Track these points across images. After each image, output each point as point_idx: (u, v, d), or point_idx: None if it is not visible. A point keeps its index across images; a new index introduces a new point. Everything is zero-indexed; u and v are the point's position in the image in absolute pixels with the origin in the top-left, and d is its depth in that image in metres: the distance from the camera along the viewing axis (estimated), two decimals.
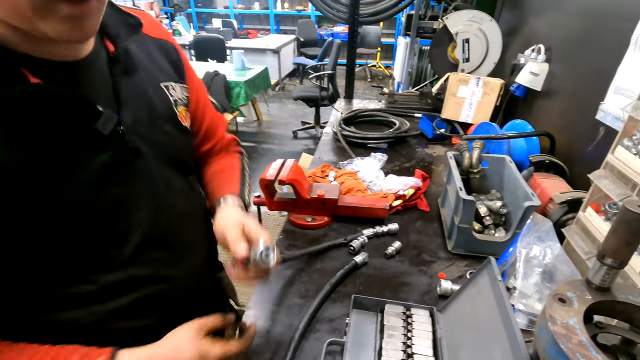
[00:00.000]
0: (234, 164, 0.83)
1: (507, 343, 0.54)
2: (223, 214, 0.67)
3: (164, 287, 0.62)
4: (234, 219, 0.64)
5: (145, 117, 0.58)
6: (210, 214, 0.73)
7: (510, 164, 1.05)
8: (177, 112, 0.65)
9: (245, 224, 0.63)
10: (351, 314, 0.78)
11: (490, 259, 0.67)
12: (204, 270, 0.74)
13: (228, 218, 0.65)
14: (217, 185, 0.76)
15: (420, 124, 1.79)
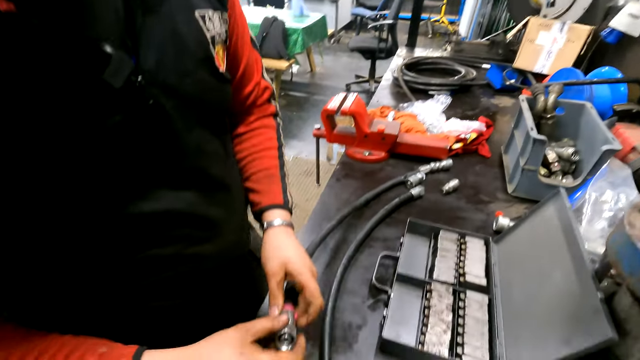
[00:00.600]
0: (272, 152, 0.69)
1: (569, 263, 0.55)
2: (267, 247, 0.59)
3: (192, 267, 0.54)
4: (278, 259, 0.56)
5: (172, 61, 0.44)
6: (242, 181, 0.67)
7: (590, 109, 0.98)
8: (213, 53, 0.50)
9: (289, 264, 0.55)
10: (405, 236, 0.81)
11: (560, 188, 0.65)
12: (236, 244, 0.66)
13: (272, 255, 0.57)
14: (259, 188, 0.65)
15: (488, 74, 1.69)
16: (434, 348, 0.59)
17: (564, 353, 0.46)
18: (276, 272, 0.55)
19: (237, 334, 0.44)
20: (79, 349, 0.40)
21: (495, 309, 0.64)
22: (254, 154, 0.67)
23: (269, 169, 0.66)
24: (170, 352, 0.42)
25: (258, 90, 0.67)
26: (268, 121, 0.71)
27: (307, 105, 3.97)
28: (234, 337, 0.44)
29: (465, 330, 0.62)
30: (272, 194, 0.65)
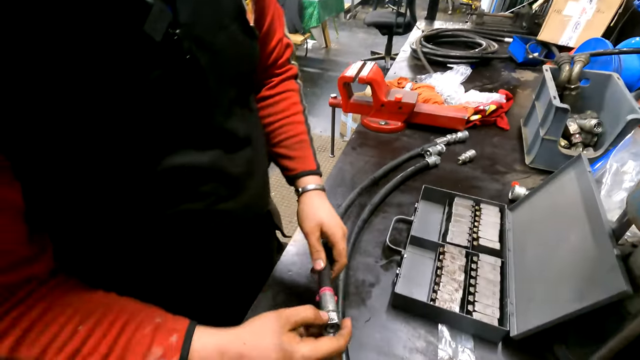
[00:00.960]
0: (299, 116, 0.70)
1: (586, 225, 0.55)
2: (304, 208, 0.62)
3: (218, 223, 0.55)
4: (314, 220, 0.59)
5: (208, 14, 0.43)
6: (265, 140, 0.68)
7: (617, 80, 0.95)
8: (245, 7, 0.49)
9: (323, 225, 0.59)
10: (420, 202, 0.82)
11: (581, 154, 0.65)
12: (259, 201, 0.67)
13: (309, 217, 0.60)
14: (292, 154, 0.67)
15: (511, 47, 1.63)
16: (445, 304, 0.60)
17: (576, 307, 0.47)
18: (313, 231, 0.59)
19: (278, 322, 0.42)
20: (137, 317, 0.40)
21: (507, 271, 0.65)
22: (282, 120, 0.67)
23: (299, 134, 0.68)
24: (215, 335, 0.42)
25: (281, 47, 0.66)
26: (291, 84, 0.71)
27: (321, 81, 3.92)
28: (274, 325, 0.42)
29: (476, 290, 0.63)
30: (305, 160, 0.67)
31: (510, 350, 0.58)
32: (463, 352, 0.57)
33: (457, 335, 0.59)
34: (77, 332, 0.37)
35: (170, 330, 0.40)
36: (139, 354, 0.38)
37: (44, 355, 0.36)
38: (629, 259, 0.49)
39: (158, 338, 0.39)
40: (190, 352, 0.39)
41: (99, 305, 0.40)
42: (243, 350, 0.40)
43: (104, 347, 0.37)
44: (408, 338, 0.60)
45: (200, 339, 0.41)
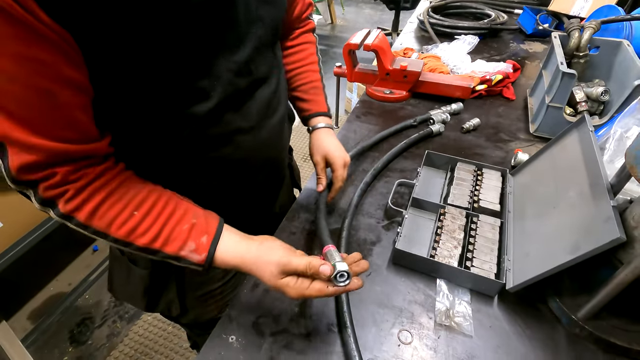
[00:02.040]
0: (315, 66, 0.78)
1: (585, 181, 0.56)
2: (313, 143, 0.74)
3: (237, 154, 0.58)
4: (322, 152, 0.71)
5: None
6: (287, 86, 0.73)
7: (627, 47, 0.93)
8: None
9: (328, 155, 0.71)
10: (422, 167, 0.83)
11: (585, 115, 0.65)
12: (275, 143, 0.69)
13: (317, 149, 0.72)
14: (307, 98, 0.76)
15: (520, 19, 1.59)
16: (444, 260, 0.62)
17: (571, 257, 0.48)
18: (319, 161, 0.71)
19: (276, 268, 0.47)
20: (179, 211, 0.49)
21: (506, 231, 0.67)
22: (300, 68, 0.76)
23: (314, 81, 0.77)
24: (237, 245, 0.50)
25: (304, 4, 0.74)
26: (309, 37, 0.79)
27: (325, 57, 3.86)
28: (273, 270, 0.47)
29: (475, 247, 0.64)
30: (318, 103, 0.77)
31: (506, 303, 0.60)
32: (460, 304, 0.59)
33: (455, 289, 0.61)
34: (133, 215, 0.46)
35: (203, 230, 0.49)
36: (178, 244, 0.47)
37: (109, 229, 0.45)
38: (624, 213, 0.50)
39: (193, 235, 0.48)
40: (215, 252, 0.49)
41: (152, 194, 0.48)
42: (251, 272, 0.49)
43: (153, 232, 0.46)
44: (407, 291, 0.62)
45: (223, 246, 0.50)
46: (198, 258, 0.48)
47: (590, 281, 0.54)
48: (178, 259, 0.48)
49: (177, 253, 0.48)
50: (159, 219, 0.47)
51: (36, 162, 0.39)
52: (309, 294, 0.47)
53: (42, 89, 0.37)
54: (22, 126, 0.37)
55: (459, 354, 0.54)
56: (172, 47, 0.43)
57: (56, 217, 0.43)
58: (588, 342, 0.54)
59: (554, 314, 0.58)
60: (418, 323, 0.58)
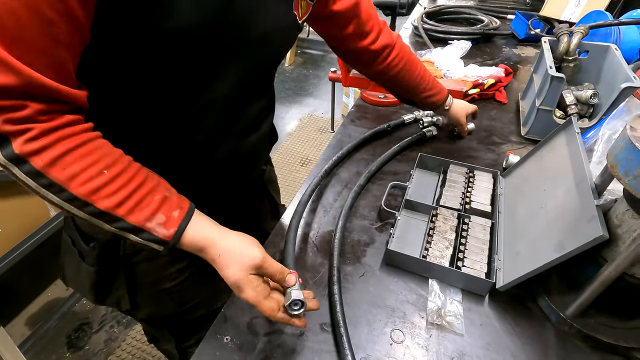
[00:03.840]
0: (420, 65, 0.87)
1: (572, 182, 0.57)
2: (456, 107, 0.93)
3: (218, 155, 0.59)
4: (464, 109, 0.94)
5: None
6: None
7: (615, 51, 0.95)
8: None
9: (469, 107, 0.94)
10: (415, 170, 0.84)
11: (572, 118, 0.66)
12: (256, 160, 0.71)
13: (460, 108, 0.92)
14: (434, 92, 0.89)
15: (513, 24, 1.62)
16: (436, 260, 0.63)
17: (557, 255, 0.50)
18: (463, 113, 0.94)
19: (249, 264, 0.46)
20: (152, 180, 0.46)
21: (496, 231, 0.68)
22: (424, 76, 0.86)
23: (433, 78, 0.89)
24: (207, 228, 0.48)
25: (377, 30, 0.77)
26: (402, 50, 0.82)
27: (323, 63, 3.89)
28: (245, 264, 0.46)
29: (466, 247, 0.66)
30: (443, 90, 0.91)
31: (496, 302, 0.61)
32: (451, 304, 0.60)
33: (447, 289, 0.63)
34: (102, 173, 0.41)
35: (175, 204, 0.46)
36: (146, 213, 0.44)
37: (69, 183, 0.40)
38: (609, 212, 0.51)
39: (164, 207, 0.45)
40: (186, 228, 0.46)
41: (125, 159, 0.45)
42: (216, 259, 0.47)
43: (120, 196, 0.42)
44: (400, 291, 0.63)
45: (195, 224, 0.47)
46: (165, 233, 0.44)
47: (577, 279, 0.55)
48: (140, 231, 0.44)
49: (142, 224, 0.43)
50: (131, 183, 0.43)
51: (10, 86, 0.35)
52: (261, 308, 0.46)
53: (45, 16, 0.34)
54: (8, 44, 0.34)
55: (450, 352, 0.55)
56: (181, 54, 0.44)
57: (2, 158, 0.37)
58: (576, 339, 0.55)
59: (544, 312, 0.59)
60: (410, 322, 0.59)
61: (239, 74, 0.52)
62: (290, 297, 0.46)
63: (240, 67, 0.52)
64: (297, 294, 0.46)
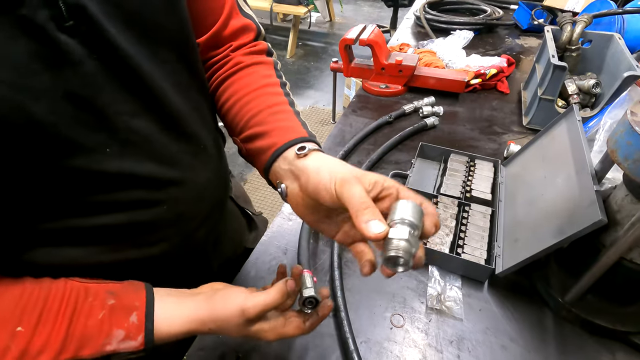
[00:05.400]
0: (274, 88, 0.51)
1: (572, 168, 0.57)
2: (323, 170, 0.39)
3: (163, 210, 0.45)
4: (341, 172, 0.37)
5: None
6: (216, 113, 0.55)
7: (618, 40, 0.94)
8: None
9: (363, 177, 0.37)
10: (416, 159, 0.84)
11: (573, 106, 0.66)
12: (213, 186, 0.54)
13: (330, 168, 0.39)
14: (263, 130, 0.46)
15: (516, 14, 1.61)
16: (436, 247, 0.64)
17: (556, 240, 0.50)
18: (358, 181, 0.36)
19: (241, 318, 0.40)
20: (85, 302, 0.37)
21: (497, 219, 0.68)
22: (248, 96, 0.49)
23: (274, 105, 0.48)
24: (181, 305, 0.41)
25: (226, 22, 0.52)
26: (260, 57, 0.55)
27: (324, 55, 3.87)
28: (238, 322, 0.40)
29: (466, 235, 0.66)
30: (289, 130, 0.45)
31: (496, 288, 0.62)
32: (451, 289, 0.61)
33: (447, 275, 0.63)
34: (16, 334, 0.33)
35: (127, 308, 0.38)
36: (98, 341, 0.36)
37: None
38: (608, 198, 0.52)
39: (115, 321, 0.37)
40: (155, 326, 0.39)
41: (37, 297, 0.36)
42: (210, 332, 0.42)
43: (54, 343, 0.35)
44: (400, 278, 0.64)
45: (162, 314, 0.40)
46: (134, 344, 0.38)
47: (576, 265, 0.56)
48: (109, 357, 0.37)
49: (102, 351, 0.37)
50: (58, 322, 0.35)
51: None
52: (287, 334, 0.42)
53: None
54: None
55: (449, 336, 0.56)
56: None
57: None
58: (574, 324, 0.56)
59: (542, 298, 0.59)
60: (410, 307, 0.60)
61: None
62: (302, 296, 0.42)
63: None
64: (309, 291, 0.43)
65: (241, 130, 0.49)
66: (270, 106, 0.48)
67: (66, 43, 0.33)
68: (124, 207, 0.42)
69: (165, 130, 0.43)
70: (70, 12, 0.32)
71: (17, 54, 0.30)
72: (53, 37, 0.32)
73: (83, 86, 0.35)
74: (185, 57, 0.45)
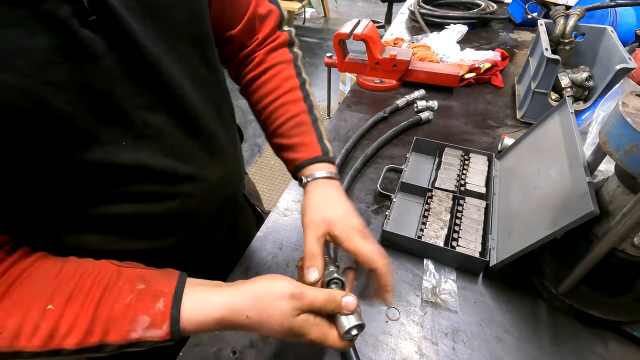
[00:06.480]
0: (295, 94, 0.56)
1: (565, 161, 0.58)
2: (306, 203, 0.49)
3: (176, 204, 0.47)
4: (319, 213, 0.46)
5: None
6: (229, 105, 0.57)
7: (610, 33, 0.95)
8: None
9: (333, 227, 0.45)
10: (411, 153, 0.84)
11: (566, 98, 0.66)
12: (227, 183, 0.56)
13: (313, 208, 0.47)
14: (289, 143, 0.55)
15: (510, 8, 1.61)
16: (430, 240, 0.64)
17: (549, 232, 0.50)
18: (315, 227, 0.45)
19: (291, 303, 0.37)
20: (115, 285, 0.37)
21: (491, 212, 0.69)
22: (273, 104, 0.55)
23: (295, 116, 0.55)
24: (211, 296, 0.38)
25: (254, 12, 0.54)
26: (282, 55, 0.58)
27: (319, 51, 3.85)
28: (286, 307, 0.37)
29: (461, 228, 0.66)
30: (306, 146, 0.54)
31: (490, 280, 0.62)
32: (446, 282, 0.61)
33: (442, 268, 0.63)
34: (47, 311, 0.34)
35: (155, 294, 0.37)
36: (123, 327, 0.35)
37: (16, 342, 0.33)
38: (600, 189, 0.52)
39: (142, 306, 0.36)
40: (180, 317, 0.36)
41: (70, 277, 0.36)
42: (245, 323, 0.37)
43: (83, 323, 0.34)
44: (395, 271, 0.64)
45: (193, 301, 0.37)
46: (160, 333, 0.36)
47: (569, 257, 0.56)
48: (131, 345, 0.36)
49: (127, 338, 0.35)
50: (87, 303, 0.35)
51: None
52: (330, 342, 0.38)
53: None
54: None
55: (444, 328, 0.56)
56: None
57: None
58: (568, 314, 0.57)
59: (536, 289, 0.60)
60: (405, 300, 0.60)
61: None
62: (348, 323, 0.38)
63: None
64: (356, 319, 0.38)
65: (271, 135, 0.57)
66: (293, 117, 0.55)
67: (88, 38, 0.33)
68: (140, 198, 0.43)
69: (181, 125, 0.44)
70: (93, 7, 0.33)
71: (38, 47, 0.30)
72: (75, 32, 0.32)
73: (101, 80, 0.35)
74: (203, 53, 0.46)
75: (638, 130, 0.40)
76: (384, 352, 0.54)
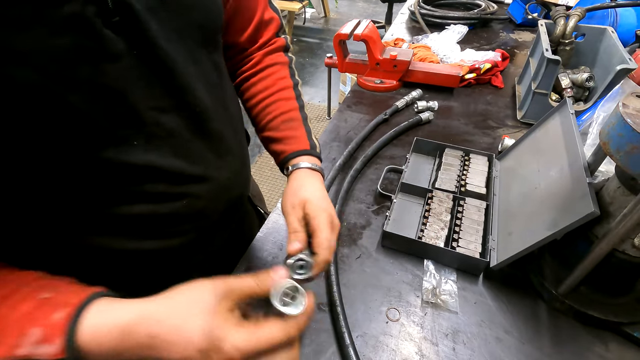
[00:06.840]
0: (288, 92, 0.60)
1: (565, 161, 0.58)
2: (288, 188, 0.53)
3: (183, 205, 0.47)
4: (297, 197, 0.49)
5: None
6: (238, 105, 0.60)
7: (611, 34, 0.95)
8: None
9: (306, 204, 0.48)
10: (411, 154, 0.84)
11: (566, 99, 0.66)
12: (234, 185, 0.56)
13: (291, 193, 0.51)
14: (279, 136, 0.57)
15: (510, 8, 1.61)
16: (431, 241, 0.64)
17: (549, 233, 0.50)
18: (293, 210, 0.48)
19: (213, 294, 0.32)
20: (19, 292, 0.33)
21: (491, 213, 0.69)
22: (267, 99, 0.58)
23: (285, 112, 0.58)
24: (120, 309, 0.32)
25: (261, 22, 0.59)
26: (277, 57, 0.62)
27: (319, 51, 3.85)
28: (207, 300, 0.32)
29: (461, 228, 0.66)
30: (295, 139, 0.57)
31: (490, 281, 0.62)
32: (446, 283, 0.61)
33: (442, 269, 0.64)
34: None
35: (58, 305, 0.31)
36: (9, 341, 0.29)
37: None
38: (601, 190, 0.52)
39: (39, 316, 0.31)
40: (78, 332, 0.30)
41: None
42: (156, 331, 0.30)
43: None
44: (396, 272, 0.64)
45: (97, 314, 0.31)
46: (51, 350, 0.29)
47: (569, 258, 0.56)
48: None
49: (11, 354, 0.29)
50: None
51: None
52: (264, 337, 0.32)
53: None
54: None
55: (445, 329, 0.56)
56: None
57: None
58: (568, 315, 0.57)
59: (536, 290, 0.60)
60: (405, 301, 0.60)
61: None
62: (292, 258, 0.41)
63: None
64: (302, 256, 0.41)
65: (261, 129, 0.59)
66: (283, 113, 0.58)
67: (110, 38, 0.34)
68: (148, 198, 0.44)
69: (192, 127, 0.45)
70: (116, 8, 0.33)
71: (61, 46, 0.31)
72: (98, 32, 0.33)
73: (119, 80, 0.36)
74: (214, 57, 0.48)
75: (638, 132, 0.40)
76: (384, 353, 0.54)
